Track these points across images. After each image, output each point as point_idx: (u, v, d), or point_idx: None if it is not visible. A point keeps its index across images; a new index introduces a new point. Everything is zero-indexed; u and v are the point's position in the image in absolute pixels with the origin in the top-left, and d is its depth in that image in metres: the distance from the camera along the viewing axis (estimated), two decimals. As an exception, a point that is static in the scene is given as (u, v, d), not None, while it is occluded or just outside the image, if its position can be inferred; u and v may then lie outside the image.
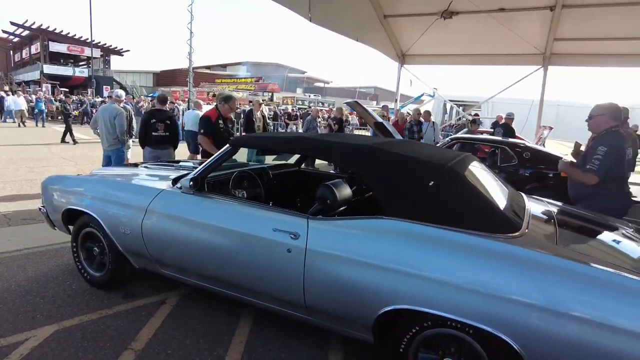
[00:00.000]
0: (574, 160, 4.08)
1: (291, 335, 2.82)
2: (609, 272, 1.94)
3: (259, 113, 8.19)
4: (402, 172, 2.35)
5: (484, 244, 2.03)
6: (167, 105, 7.07)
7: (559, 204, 3.40)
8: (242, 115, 13.43)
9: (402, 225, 2.16)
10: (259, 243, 2.47)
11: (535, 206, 2.83)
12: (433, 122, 10.18)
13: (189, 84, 18.39)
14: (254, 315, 3.05)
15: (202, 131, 4.99)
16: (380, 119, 5.59)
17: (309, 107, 27.98)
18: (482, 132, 10.48)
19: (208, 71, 50.83)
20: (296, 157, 4.29)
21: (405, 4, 10.76)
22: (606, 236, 2.74)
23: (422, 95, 19.56)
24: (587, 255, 2.14)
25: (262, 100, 14.87)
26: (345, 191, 2.77)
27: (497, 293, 1.90)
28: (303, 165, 4.37)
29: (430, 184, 2.23)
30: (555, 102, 18.29)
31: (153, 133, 5.65)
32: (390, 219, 2.20)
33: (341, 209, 2.76)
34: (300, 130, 14.79)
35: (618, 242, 2.62)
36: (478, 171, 2.64)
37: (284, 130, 20.09)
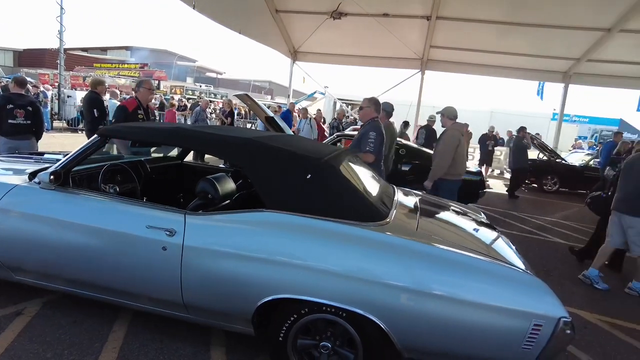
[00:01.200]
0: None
1: (171, 334, 2.71)
2: (461, 253, 2.24)
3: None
4: (281, 165, 2.41)
5: (356, 232, 2.19)
6: (28, 89, 6.19)
7: (425, 194, 3.80)
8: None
9: (281, 217, 2.22)
10: (131, 242, 2.32)
11: (404, 197, 3.12)
12: (310, 118, 10.83)
13: (59, 66, 16.33)
14: (131, 319, 2.86)
15: (112, 122, 4.54)
16: (271, 113, 5.62)
17: (200, 97, 26.75)
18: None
19: (85, 54, 45.65)
20: (179, 150, 4.11)
21: (297, 1, 10.94)
22: (460, 221, 3.14)
23: (314, 92, 20.08)
24: (443, 239, 2.43)
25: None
26: (228, 185, 2.75)
27: (367, 277, 2.06)
28: (198, 160, 4.20)
29: (307, 177, 2.32)
30: (431, 105, 20.25)
31: (9, 120, 4.91)
32: (270, 212, 2.24)
33: (224, 203, 2.74)
34: (189, 122, 14.15)
35: (470, 227, 3.03)
36: (353, 165, 2.82)
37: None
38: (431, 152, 7.89)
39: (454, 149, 4.83)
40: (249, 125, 18.30)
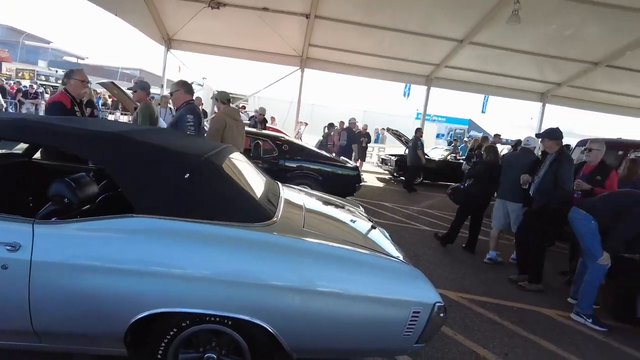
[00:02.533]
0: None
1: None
2: (345, 248, 2.27)
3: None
4: (153, 164, 2.15)
5: (241, 234, 2.06)
6: None
7: (310, 190, 3.83)
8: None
9: (155, 222, 1.98)
10: (-44, 261, 1.85)
11: (289, 194, 3.08)
12: (170, 108, 10.24)
13: None
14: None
15: None
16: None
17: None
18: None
19: None
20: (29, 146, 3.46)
21: (171, -15, 10.19)
22: (342, 215, 3.23)
23: (191, 83, 19.04)
24: (328, 234, 2.45)
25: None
26: (89, 187, 2.38)
27: (253, 281, 1.96)
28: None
29: (186, 176, 2.12)
30: (310, 102, 20.83)
31: None
32: (141, 217, 1.98)
33: (84, 208, 2.37)
34: (42, 113, 12.20)
35: (351, 220, 3.13)
36: (236, 162, 2.68)
37: (14, 111, 16.20)
38: (315, 149, 8.09)
39: (219, 131, 4.67)
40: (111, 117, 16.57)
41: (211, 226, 2.04)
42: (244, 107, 16.26)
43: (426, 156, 12.13)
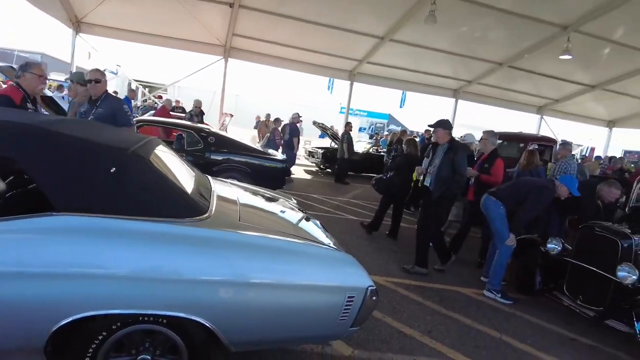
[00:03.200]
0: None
1: None
2: (280, 239, 2.30)
3: None
4: (74, 157, 1.99)
5: (173, 230, 2.00)
6: None
7: (241, 184, 3.79)
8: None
9: (77, 220, 1.84)
10: None
11: (221, 187, 3.02)
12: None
13: None
14: None
15: None
16: (49, 92, 4.63)
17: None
18: (171, 116, 10.47)
19: None
20: None
21: (78, -38, 9.29)
22: (275, 208, 3.24)
23: (104, 71, 17.61)
24: (264, 227, 2.46)
25: None
26: (-5, 183, 2.14)
27: (187, 277, 1.91)
28: None
29: (111, 170, 1.99)
30: (235, 93, 20.39)
31: None
32: (62, 215, 1.83)
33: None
34: None
35: (284, 212, 3.16)
36: (164, 155, 2.57)
37: None
38: (242, 141, 7.95)
39: None
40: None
41: (140, 223, 1.95)
42: (160, 97, 15.43)
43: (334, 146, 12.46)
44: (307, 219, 3.11)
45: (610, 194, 4.79)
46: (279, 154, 7.90)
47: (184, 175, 2.56)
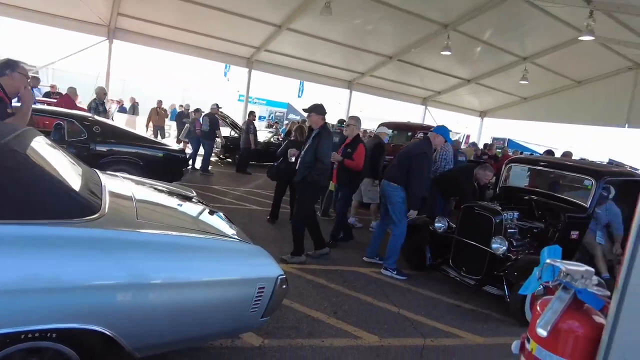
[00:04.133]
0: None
1: None
2: (183, 236, 2.20)
3: None
4: None
5: (61, 233, 1.79)
6: None
7: (135, 177, 3.50)
8: None
9: None
10: None
11: (113, 183, 2.75)
12: None
13: None
14: None
15: None
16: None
17: None
18: (45, 103, 9.20)
19: None
20: None
21: None
22: (175, 202, 3.08)
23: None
24: (164, 223, 2.32)
25: None
26: None
27: (80, 284, 1.74)
28: None
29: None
30: (121, 78, 18.66)
31: None
32: None
33: None
34: None
35: (185, 206, 3.02)
36: (43, 148, 2.26)
37: None
38: (131, 130, 7.35)
39: None
40: None
41: (20, 227, 1.70)
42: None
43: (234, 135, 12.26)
44: (211, 212, 3.02)
45: (485, 176, 5.48)
46: (175, 144, 7.45)
47: (69, 171, 2.29)
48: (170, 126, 14.88)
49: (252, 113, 11.69)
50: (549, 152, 10.84)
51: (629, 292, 0.72)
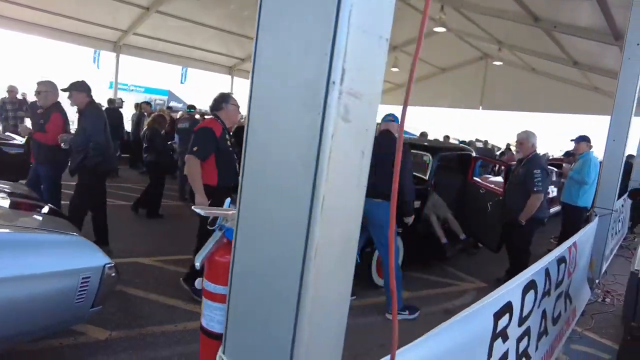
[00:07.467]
0: None
1: None
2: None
3: None
4: None
5: None
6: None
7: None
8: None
9: None
10: None
11: None
12: None
13: None
14: None
15: None
16: None
17: None
18: None
19: None
20: None
21: None
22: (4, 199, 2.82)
23: None
24: None
25: None
26: None
27: None
28: None
29: None
30: None
31: None
32: None
33: None
34: None
35: (14, 203, 2.78)
36: None
37: None
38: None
39: None
40: None
41: None
42: None
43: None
44: (38, 208, 2.82)
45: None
46: (19, 138, 6.56)
47: None
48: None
49: (147, 103, 10.79)
50: (422, 134, 12.35)
51: (242, 217, 0.89)
